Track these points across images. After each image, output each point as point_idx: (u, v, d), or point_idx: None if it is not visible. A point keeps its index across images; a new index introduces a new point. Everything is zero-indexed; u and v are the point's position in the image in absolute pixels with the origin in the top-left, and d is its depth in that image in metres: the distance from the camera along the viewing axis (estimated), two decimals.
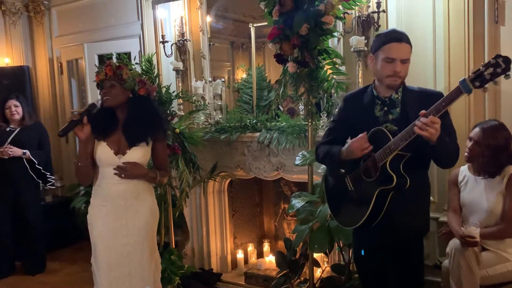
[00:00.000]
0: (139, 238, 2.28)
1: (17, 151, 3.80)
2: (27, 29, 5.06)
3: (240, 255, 3.76)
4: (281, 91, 2.93)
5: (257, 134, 3.36)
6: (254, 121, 3.45)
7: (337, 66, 2.80)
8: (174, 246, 3.41)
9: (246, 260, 3.84)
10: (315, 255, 3.01)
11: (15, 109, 3.86)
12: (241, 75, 4.29)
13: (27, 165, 3.87)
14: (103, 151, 2.27)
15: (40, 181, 4.00)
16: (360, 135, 1.97)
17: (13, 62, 4.85)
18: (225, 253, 3.80)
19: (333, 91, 2.82)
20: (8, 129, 3.87)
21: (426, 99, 1.91)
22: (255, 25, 3.83)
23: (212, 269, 3.69)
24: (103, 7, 4.61)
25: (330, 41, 2.84)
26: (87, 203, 3.18)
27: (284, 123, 3.24)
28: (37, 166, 3.89)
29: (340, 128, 2.18)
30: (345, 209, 2.18)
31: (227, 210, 3.81)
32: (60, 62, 5.03)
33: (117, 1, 4.51)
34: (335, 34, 2.83)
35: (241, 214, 3.95)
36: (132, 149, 2.29)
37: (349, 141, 2.08)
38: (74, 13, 4.86)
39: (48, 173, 4.01)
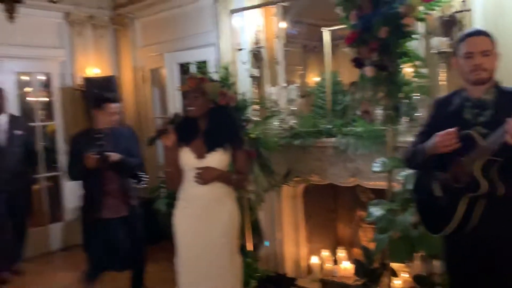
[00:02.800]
0: (220, 241, 2.37)
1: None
2: (113, 41, 5.44)
3: (314, 260, 3.74)
4: (358, 95, 2.87)
5: (333, 139, 3.32)
6: (329, 127, 3.42)
7: (418, 69, 2.70)
8: (250, 249, 3.47)
9: (321, 266, 3.80)
10: (395, 265, 2.91)
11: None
12: (312, 78, 4.28)
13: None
14: (186, 156, 2.41)
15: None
16: (449, 129, 1.86)
17: (102, 72, 5.23)
18: (300, 258, 3.80)
19: (413, 94, 2.73)
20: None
21: None
22: (329, 28, 3.79)
23: (286, 274, 3.70)
24: (182, 17, 4.82)
25: (409, 43, 2.74)
26: (168, 204, 3.35)
27: (360, 128, 3.17)
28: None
29: (430, 133, 2.09)
30: (433, 216, 2.08)
31: (301, 215, 3.81)
32: (143, 71, 5.34)
33: (194, 11, 4.69)
34: (416, 36, 2.73)
35: (315, 220, 3.93)
36: (211, 154, 2.41)
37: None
38: (155, 24, 5.14)
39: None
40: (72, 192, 5.14)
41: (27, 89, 5.29)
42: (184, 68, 4.68)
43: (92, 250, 4.31)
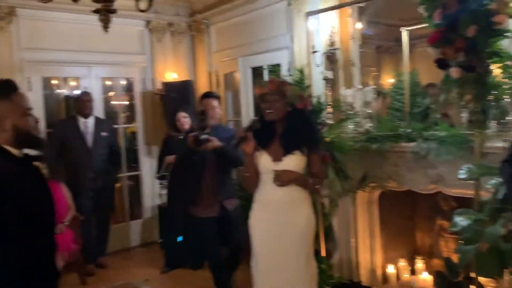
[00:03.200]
0: (296, 245, 2.36)
1: None
2: (190, 46, 5.64)
3: (391, 269, 3.60)
4: (442, 98, 2.72)
5: (412, 144, 3.17)
6: (408, 130, 3.27)
7: (509, 69, 2.50)
8: (323, 255, 3.41)
9: (397, 276, 3.65)
10: (481, 279, 2.71)
11: (184, 120, 4.34)
12: (387, 80, 4.13)
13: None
14: (263, 159, 2.42)
15: None
16: None
17: (179, 76, 5.44)
18: (375, 267, 3.67)
19: (504, 97, 2.53)
20: (180, 137, 4.36)
21: None
22: (407, 28, 3.64)
23: (361, 282, 3.60)
24: (256, 22, 4.88)
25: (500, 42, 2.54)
26: (241, 207, 3.38)
27: (444, 133, 3.00)
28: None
29: None
30: None
31: (377, 222, 3.68)
32: (217, 76, 5.48)
33: (268, 15, 4.72)
34: (508, 34, 2.52)
35: (392, 227, 3.77)
36: (287, 157, 2.42)
37: None
38: (230, 29, 5.25)
39: None
40: (150, 191, 5.42)
41: (110, 93, 5.65)
42: (259, 71, 4.74)
43: (170, 246, 4.50)
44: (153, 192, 5.42)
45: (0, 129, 1.65)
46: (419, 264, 3.62)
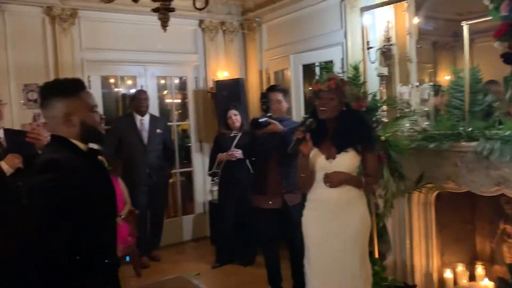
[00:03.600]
0: (350, 245, 2.31)
1: (241, 154, 4.29)
2: (241, 45, 5.68)
3: (448, 274, 3.45)
4: (508, 95, 2.57)
5: (473, 143, 3.02)
6: (469, 129, 3.11)
7: None
8: (377, 257, 3.33)
9: (455, 281, 3.49)
10: None
11: (235, 117, 4.38)
12: (443, 77, 3.95)
13: (250, 166, 4.32)
14: (317, 157, 2.39)
15: None
16: None
17: (230, 75, 5.49)
18: (431, 271, 3.53)
19: None
20: (231, 135, 4.41)
21: None
22: (469, 22, 3.46)
23: (415, 285, 3.48)
24: (308, 19, 4.83)
25: None
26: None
27: (508, 132, 2.83)
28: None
29: None
30: None
31: (433, 225, 3.53)
32: (268, 73, 5.48)
33: (321, 12, 4.66)
34: None
35: (449, 231, 3.61)
36: (341, 154, 2.38)
37: None
38: (281, 27, 5.24)
39: None
40: (202, 187, 5.52)
41: (164, 92, 5.81)
42: (310, 69, 4.70)
43: (220, 242, 4.57)
44: (204, 188, 5.53)
45: (69, 124, 1.73)
46: (479, 269, 3.44)
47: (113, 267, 1.85)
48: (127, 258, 4.21)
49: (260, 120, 3.10)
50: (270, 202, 3.27)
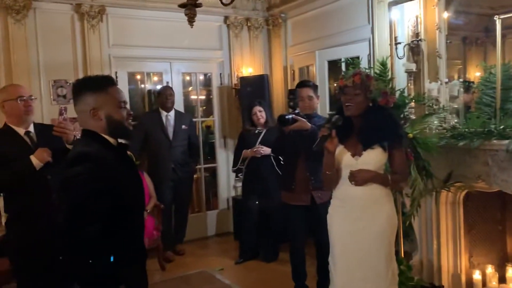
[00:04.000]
0: (376, 244, 2.28)
1: (267, 150, 4.28)
2: (266, 41, 5.67)
3: (476, 276, 3.36)
4: None
5: (505, 141, 2.93)
6: (501, 127, 3.02)
7: None
8: (402, 256, 3.28)
9: (483, 283, 3.40)
10: None
11: (260, 114, 4.37)
12: (473, 73, 3.84)
13: (274, 162, 4.32)
14: (342, 155, 2.36)
15: None
16: None
17: (254, 71, 5.49)
18: (459, 271, 3.45)
19: None
20: (256, 131, 4.41)
21: None
22: (502, 16, 3.35)
23: (443, 286, 3.41)
24: (334, 14, 4.78)
25: None
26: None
27: None
28: (282, 163, 4.31)
29: None
30: None
31: (461, 225, 3.46)
32: (293, 70, 5.45)
33: (347, 7, 4.60)
34: None
35: (478, 231, 3.53)
36: (367, 151, 2.34)
37: None
38: (307, 22, 5.20)
39: None
40: (226, 183, 5.55)
41: (190, 88, 5.85)
42: (337, 64, 4.64)
43: (244, 238, 4.58)
44: (228, 184, 5.55)
45: (96, 118, 1.77)
46: (510, 271, 3.35)
47: (142, 258, 1.88)
48: None
49: (287, 117, 3.07)
50: (299, 199, 3.27)
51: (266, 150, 4.26)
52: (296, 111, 3.14)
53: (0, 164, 2.53)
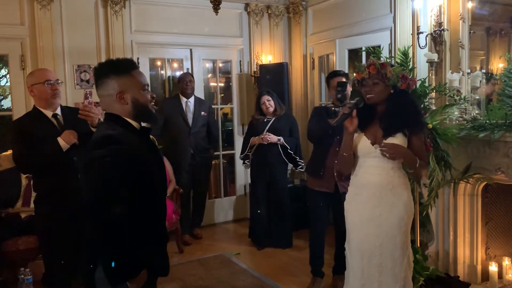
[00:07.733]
0: (392, 232, 2.30)
1: (273, 138, 4.35)
2: (286, 29, 5.66)
3: (493, 267, 3.36)
4: None
5: None
6: None
7: None
8: (418, 245, 3.29)
9: (499, 275, 3.40)
10: None
11: (268, 103, 4.41)
12: (496, 64, 3.79)
13: (281, 150, 4.38)
14: (362, 142, 2.38)
15: (292, 165, 4.50)
16: None
17: (274, 59, 5.50)
18: (475, 263, 3.46)
19: None
20: (265, 120, 4.45)
21: None
22: None
23: (458, 277, 3.42)
24: (355, 3, 4.74)
25: None
26: None
27: None
28: (289, 151, 4.37)
29: None
30: None
31: (479, 216, 3.45)
32: (312, 58, 5.44)
33: None
34: None
35: (496, 223, 3.52)
36: (388, 139, 2.33)
37: None
38: (327, 11, 5.17)
39: (298, 157, 4.45)
40: (243, 170, 5.60)
41: (209, 75, 5.89)
42: (355, 53, 4.62)
43: (256, 224, 4.64)
44: (245, 171, 5.60)
45: (122, 102, 1.80)
46: None
47: (163, 241, 1.94)
48: None
49: (331, 110, 3.05)
50: (325, 185, 3.37)
51: (273, 138, 4.32)
52: (345, 103, 3.11)
53: (29, 146, 2.62)
